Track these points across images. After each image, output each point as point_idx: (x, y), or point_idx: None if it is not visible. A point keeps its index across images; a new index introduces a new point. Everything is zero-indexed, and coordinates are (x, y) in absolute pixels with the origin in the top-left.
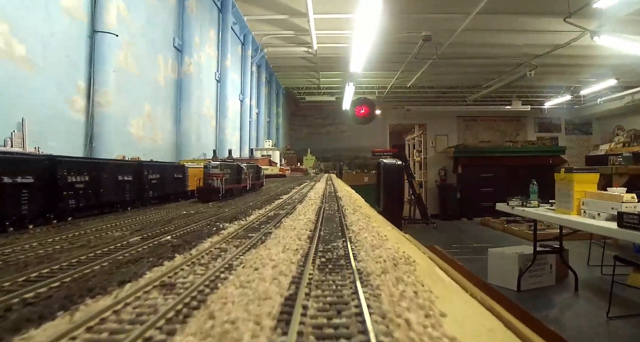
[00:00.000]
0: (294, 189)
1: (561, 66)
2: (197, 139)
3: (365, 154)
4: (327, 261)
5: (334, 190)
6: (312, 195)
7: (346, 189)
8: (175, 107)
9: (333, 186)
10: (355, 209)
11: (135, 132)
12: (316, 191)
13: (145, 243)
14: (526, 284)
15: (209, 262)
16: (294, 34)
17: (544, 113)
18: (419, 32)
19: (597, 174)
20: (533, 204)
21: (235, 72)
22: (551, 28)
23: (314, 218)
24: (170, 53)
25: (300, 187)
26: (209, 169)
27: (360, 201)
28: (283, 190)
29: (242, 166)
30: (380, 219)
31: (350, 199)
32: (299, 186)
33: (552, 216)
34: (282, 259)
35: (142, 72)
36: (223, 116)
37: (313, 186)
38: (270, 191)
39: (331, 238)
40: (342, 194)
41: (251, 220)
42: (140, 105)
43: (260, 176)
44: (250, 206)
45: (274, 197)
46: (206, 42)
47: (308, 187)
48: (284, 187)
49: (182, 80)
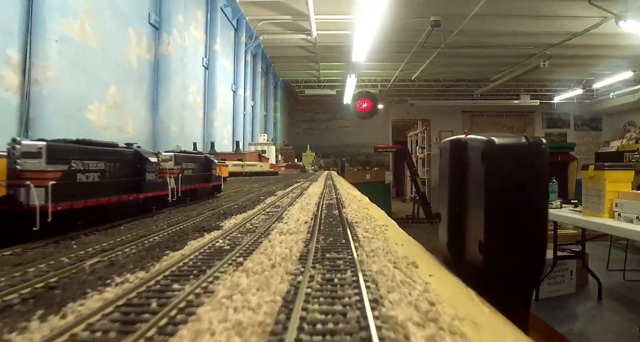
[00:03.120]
0: (273, 196)
1: (575, 57)
2: (179, 130)
3: (367, 151)
4: None
5: (336, 200)
6: (293, 215)
7: (355, 194)
8: (152, 92)
9: (334, 189)
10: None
11: (95, 119)
12: (307, 200)
13: None
14: (545, 292)
15: None
16: (292, 19)
17: (553, 108)
18: (427, 17)
19: (632, 171)
20: (555, 205)
21: (226, 59)
22: (571, 13)
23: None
24: (144, 30)
25: (286, 190)
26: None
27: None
28: (250, 200)
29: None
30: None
31: (382, 238)
32: (285, 189)
33: (580, 218)
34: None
35: (107, 48)
36: (211, 107)
37: (306, 188)
38: (213, 205)
39: None
40: (355, 213)
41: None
42: (103, 88)
43: (210, 175)
44: None
45: (193, 232)
46: (191, 22)
47: (296, 192)
48: (259, 191)
49: (160, 61)
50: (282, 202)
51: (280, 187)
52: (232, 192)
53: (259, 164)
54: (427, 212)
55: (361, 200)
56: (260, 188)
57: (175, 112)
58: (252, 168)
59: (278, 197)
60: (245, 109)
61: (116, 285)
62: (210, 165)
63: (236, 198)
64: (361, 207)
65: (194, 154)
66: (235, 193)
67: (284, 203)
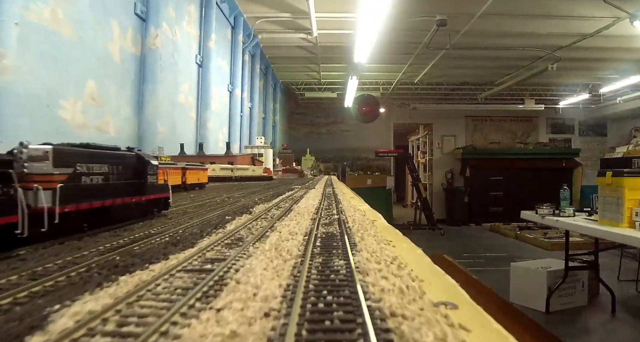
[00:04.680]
0: (246, 215)
1: (583, 60)
2: (169, 131)
3: (368, 155)
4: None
5: (338, 225)
6: (254, 275)
7: (362, 209)
8: (138, 89)
9: (335, 200)
10: None
11: (70, 118)
12: (294, 223)
13: None
14: (556, 305)
15: None
16: (291, 17)
17: (558, 113)
18: (433, 15)
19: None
20: (567, 213)
21: (222, 58)
22: (583, 12)
23: None
24: (129, 21)
25: (272, 203)
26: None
27: None
28: (207, 223)
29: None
30: None
31: None
32: (271, 201)
33: (596, 228)
34: None
35: (84, 39)
36: (205, 107)
37: (299, 199)
38: (123, 240)
39: None
40: (381, 269)
41: None
42: (79, 82)
43: (143, 183)
44: None
45: None
46: (184, 17)
47: (285, 206)
48: (233, 205)
49: (147, 56)
50: (254, 229)
51: (268, 196)
52: (195, 205)
53: (251, 168)
54: (429, 218)
55: (375, 221)
56: (239, 199)
57: (164, 112)
58: (244, 172)
59: (253, 216)
60: (243, 110)
61: None
62: (145, 168)
63: (189, 219)
64: (382, 244)
65: (109, 149)
66: (197, 208)
67: (255, 230)
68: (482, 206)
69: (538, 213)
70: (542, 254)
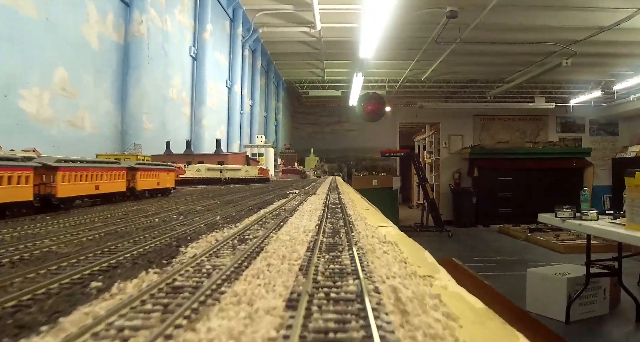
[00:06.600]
0: (193, 248)
1: (598, 56)
2: (158, 127)
3: (373, 155)
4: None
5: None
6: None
7: (392, 241)
8: (121, 81)
9: (343, 213)
10: None
11: (33, 110)
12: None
13: None
14: (576, 314)
15: None
16: (293, 10)
17: (569, 111)
18: (443, 7)
19: None
20: (590, 216)
21: (220, 52)
22: (602, 4)
23: None
24: (110, 5)
25: (251, 219)
26: None
27: None
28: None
29: None
30: None
31: None
32: (251, 215)
33: (624, 233)
34: None
35: (52, 21)
36: (200, 102)
37: (293, 211)
38: None
39: None
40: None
41: None
42: (46, 69)
43: None
44: None
45: None
46: (176, 5)
47: (269, 225)
48: (185, 227)
49: (131, 44)
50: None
51: (250, 208)
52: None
53: (244, 168)
54: (437, 220)
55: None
56: (204, 212)
57: (153, 107)
58: (235, 173)
59: (192, 258)
60: (243, 108)
61: None
62: None
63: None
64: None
65: None
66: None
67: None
68: (490, 207)
69: (558, 216)
70: (555, 257)
